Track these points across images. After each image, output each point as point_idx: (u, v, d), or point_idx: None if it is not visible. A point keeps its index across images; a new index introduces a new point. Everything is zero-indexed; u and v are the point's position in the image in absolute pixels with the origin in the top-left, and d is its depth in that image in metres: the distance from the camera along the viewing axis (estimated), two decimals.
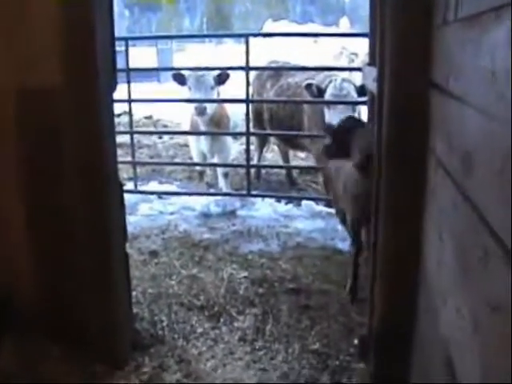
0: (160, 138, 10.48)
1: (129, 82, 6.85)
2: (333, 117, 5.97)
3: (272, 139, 7.89)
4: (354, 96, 6.11)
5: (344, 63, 16.51)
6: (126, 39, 7.15)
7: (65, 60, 3.10)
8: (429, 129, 2.68)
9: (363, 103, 5.86)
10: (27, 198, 3.37)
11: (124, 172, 7.66)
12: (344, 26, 21.63)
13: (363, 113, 6.16)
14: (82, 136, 3.19)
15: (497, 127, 1.50)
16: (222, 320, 4.10)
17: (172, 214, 6.50)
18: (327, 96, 6.16)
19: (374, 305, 3.21)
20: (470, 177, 1.83)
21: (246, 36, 6.25)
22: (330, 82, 6.20)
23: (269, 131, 7.28)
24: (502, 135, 1.43)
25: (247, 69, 6.28)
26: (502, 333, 1.46)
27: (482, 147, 1.68)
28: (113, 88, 3.35)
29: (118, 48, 3.55)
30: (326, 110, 6.18)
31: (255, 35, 8.98)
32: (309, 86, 6.23)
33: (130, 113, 7.19)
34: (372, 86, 3.49)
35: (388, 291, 3.07)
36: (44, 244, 3.45)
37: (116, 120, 11.08)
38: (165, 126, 11.86)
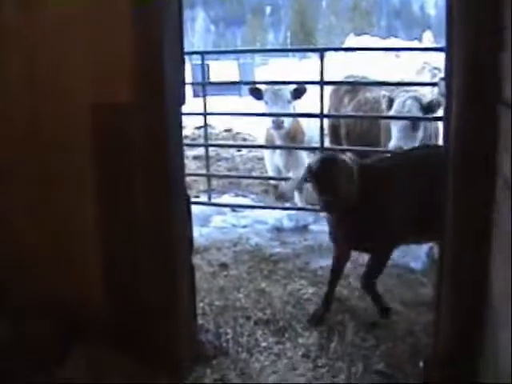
0: (239, 151, 10.55)
1: (205, 96, 6.93)
2: (396, 135, 5.93)
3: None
4: (417, 114, 6.00)
5: (426, 78, 16.26)
6: (202, 53, 7.24)
7: (133, 76, 3.18)
8: (497, 148, 2.61)
9: (440, 119, 5.76)
10: (97, 210, 3.45)
11: (200, 184, 7.76)
12: (427, 40, 21.30)
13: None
14: (150, 149, 3.25)
15: None
16: (286, 335, 4.08)
17: (244, 227, 6.52)
18: (391, 112, 6.09)
19: (440, 326, 3.14)
20: None
21: (322, 51, 6.23)
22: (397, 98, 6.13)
23: (344, 147, 7.23)
24: None
25: (322, 83, 6.25)
26: None
27: None
28: (182, 101, 3.40)
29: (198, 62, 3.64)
30: (392, 127, 6.12)
31: (331, 50, 8.98)
32: (383, 97, 6.19)
33: (205, 126, 7.26)
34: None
35: (455, 312, 3.00)
36: (113, 256, 3.52)
37: (196, 133, 11.24)
38: (243, 140, 11.93)
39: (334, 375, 3.61)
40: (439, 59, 15.64)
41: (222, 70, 22.27)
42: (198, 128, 11.24)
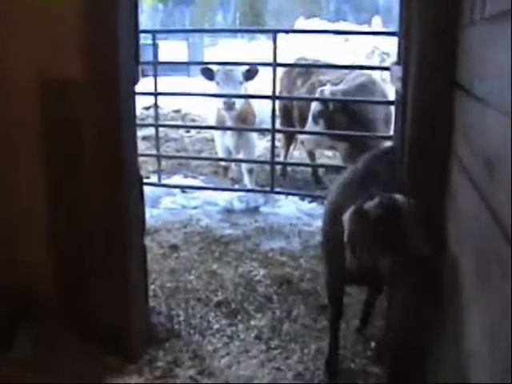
0: (187, 132, 10.46)
1: (156, 75, 6.84)
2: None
3: (303, 136, 7.82)
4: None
5: (376, 62, 16.40)
6: (153, 32, 7.13)
7: (85, 52, 3.10)
8: (452, 131, 2.62)
9: (392, 103, 5.82)
10: (48, 188, 3.37)
11: (149, 165, 7.67)
12: (376, 24, 21.43)
13: None
14: (102, 127, 3.18)
15: None
16: (238, 317, 4.07)
17: (195, 208, 6.49)
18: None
19: (392, 308, 3.17)
20: (493, 182, 1.77)
21: (274, 32, 6.19)
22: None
23: (296, 129, 7.23)
24: None
25: (274, 65, 6.23)
26: None
27: (505, 152, 1.62)
28: (135, 80, 3.34)
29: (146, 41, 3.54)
30: None
31: (284, 32, 8.92)
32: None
33: (155, 106, 7.18)
34: (398, 85, 3.44)
35: (406, 295, 3.02)
36: (62, 236, 3.45)
37: (145, 113, 11.09)
38: (193, 121, 11.84)
39: (286, 356, 3.62)
40: (388, 44, 15.82)
41: (171, 49, 22.07)
42: (147, 108, 11.11)
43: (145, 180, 3.78)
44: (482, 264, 1.87)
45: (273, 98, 6.38)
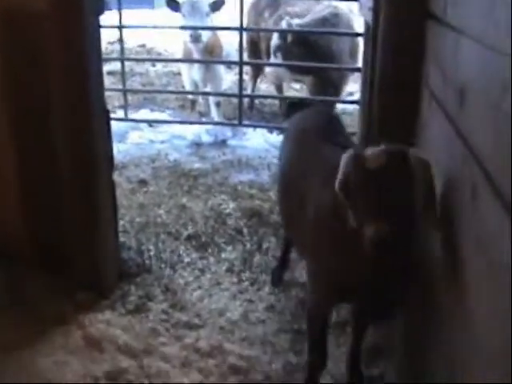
0: (153, 66, 10.27)
1: (120, 9, 6.67)
2: None
3: (267, 69, 7.73)
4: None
5: None
6: None
7: None
8: (424, 61, 2.61)
9: (358, 35, 5.79)
10: (15, 129, 3.31)
11: (115, 100, 7.54)
12: None
13: None
14: (66, 60, 3.10)
15: (494, 58, 1.44)
16: (209, 250, 4.09)
17: (162, 142, 6.42)
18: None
19: None
20: (464, 110, 1.77)
21: None
22: None
23: (263, 61, 7.14)
24: (499, 66, 1.37)
25: None
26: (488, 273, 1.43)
27: (478, 79, 1.61)
28: (100, 12, 3.24)
29: None
30: None
31: None
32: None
33: (121, 40, 7.00)
34: (368, 16, 3.39)
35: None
36: (30, 176, 3.40)
37: (109, 48, 10.75)
38: (159, 55, 11.63)
39: (258, 288, 3.66)
40: None
41: None
42: (111, 43, 10.86)
43: (111, 115, 3.71)
44: (453, 189, 1.88)
45: (240, 29, 6.26)
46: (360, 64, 4.98)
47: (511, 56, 1.27)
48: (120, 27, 6.79)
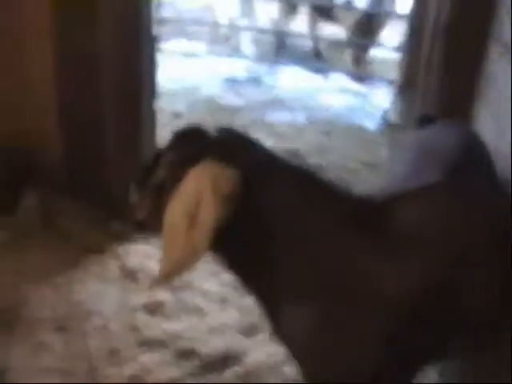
0: None
1: None
2: None
3: (302, 8, 7.51)
4: None
5: None
6: None
7: None
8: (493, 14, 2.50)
9: None
10: (58, 47, 3.23)
11: None
12: None
13: None
14: None
15: None
16: None
17: (196, 75, 6.27)
18: None
19: None
20: None
21: None
22: None
23: None
24: None
25: None
26: None
27: None
28: None
29: None
30: None
31: None
32: None
33: None
34: None
35: None
36: (70, 99, 3.34)
37: None
38: None
39: None
40: None
41: None
42: None
43: None
44: None
45: None
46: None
47: None
48: None
